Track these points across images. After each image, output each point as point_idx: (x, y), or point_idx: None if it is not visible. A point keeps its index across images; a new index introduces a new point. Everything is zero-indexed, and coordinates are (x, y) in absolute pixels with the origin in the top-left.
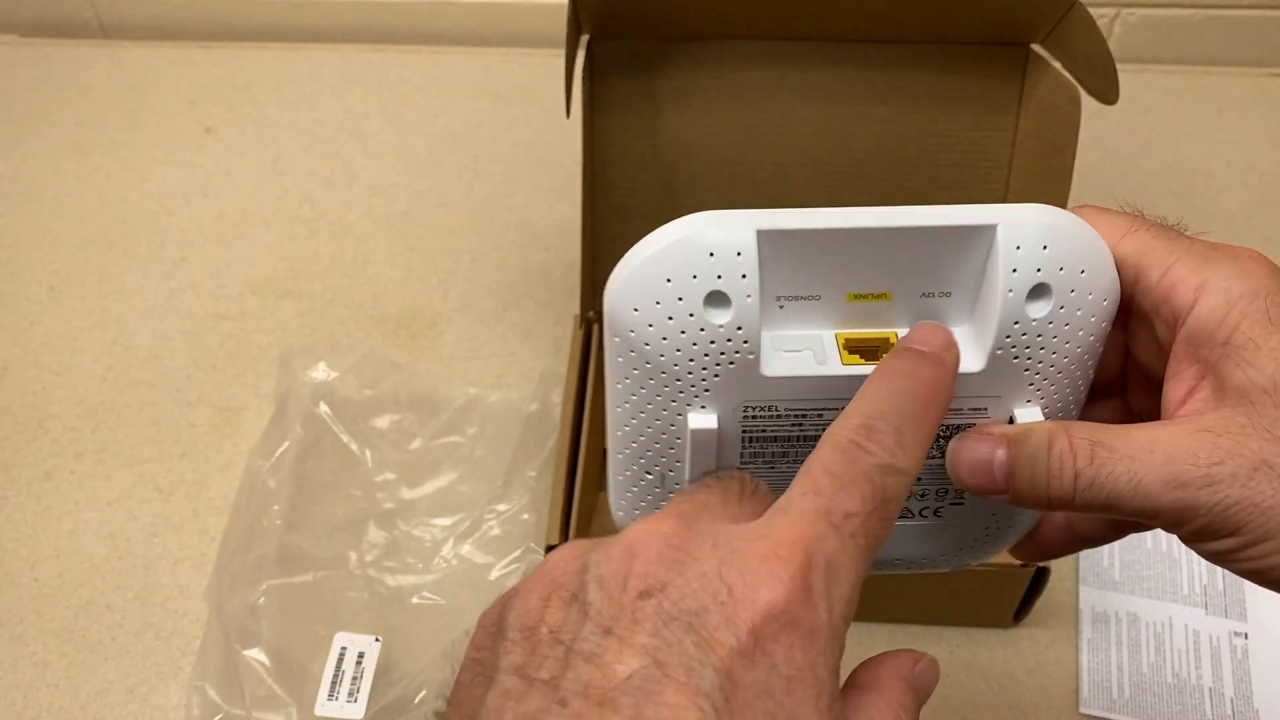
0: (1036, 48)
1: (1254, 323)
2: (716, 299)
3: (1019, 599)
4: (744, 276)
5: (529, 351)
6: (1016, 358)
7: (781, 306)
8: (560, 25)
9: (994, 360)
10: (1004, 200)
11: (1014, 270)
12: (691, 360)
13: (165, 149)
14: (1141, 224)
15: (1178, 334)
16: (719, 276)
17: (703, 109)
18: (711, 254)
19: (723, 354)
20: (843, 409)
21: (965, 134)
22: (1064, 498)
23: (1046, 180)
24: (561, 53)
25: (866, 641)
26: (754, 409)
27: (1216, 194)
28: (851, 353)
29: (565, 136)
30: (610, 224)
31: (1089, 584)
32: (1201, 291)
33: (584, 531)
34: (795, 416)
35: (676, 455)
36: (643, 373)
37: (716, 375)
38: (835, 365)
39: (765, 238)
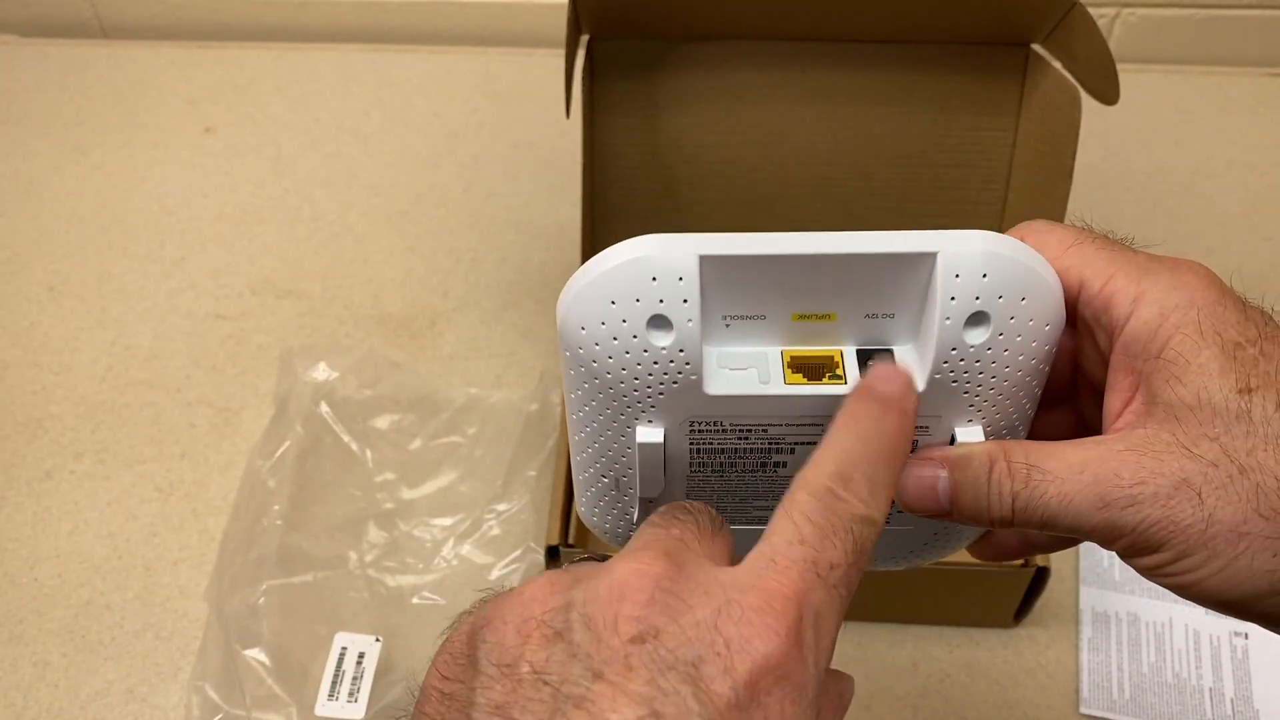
0: (1037, 48)
1: (1185, 337)
2: (659, 322)
3: (1019, 599)
4: (685, 301)
5: (529, 351)
6: (955, 381)
7: (728, 325)
8: (560, 25)
9: (933, 383)
10: (1004, 201)
11: (952, 298)
12: (636, 379)
13: (165, 149)
14: (1086, 236)
15: (1114, 345)
16: (661, 300)
17: (702, 109)
18: (654, 278)
19: (665, 374)
20: (784, 424)
21: (966, 134)
22: (1004, 518)
23: (1047, 181)
24: (561, 52)
25: (866, 642)
26: (699, 424)
27: (1216, 193)
28: (795, 371)
29: (565, 136)
30: (610, 224)
31: (1089, 584)
32: (1138, 303)
33: (584, 531)
34: (740, 431)
35: (629, 463)
36: (592, 386)
37: (661, 393)
38: (778, 385)
39: (708, 263)
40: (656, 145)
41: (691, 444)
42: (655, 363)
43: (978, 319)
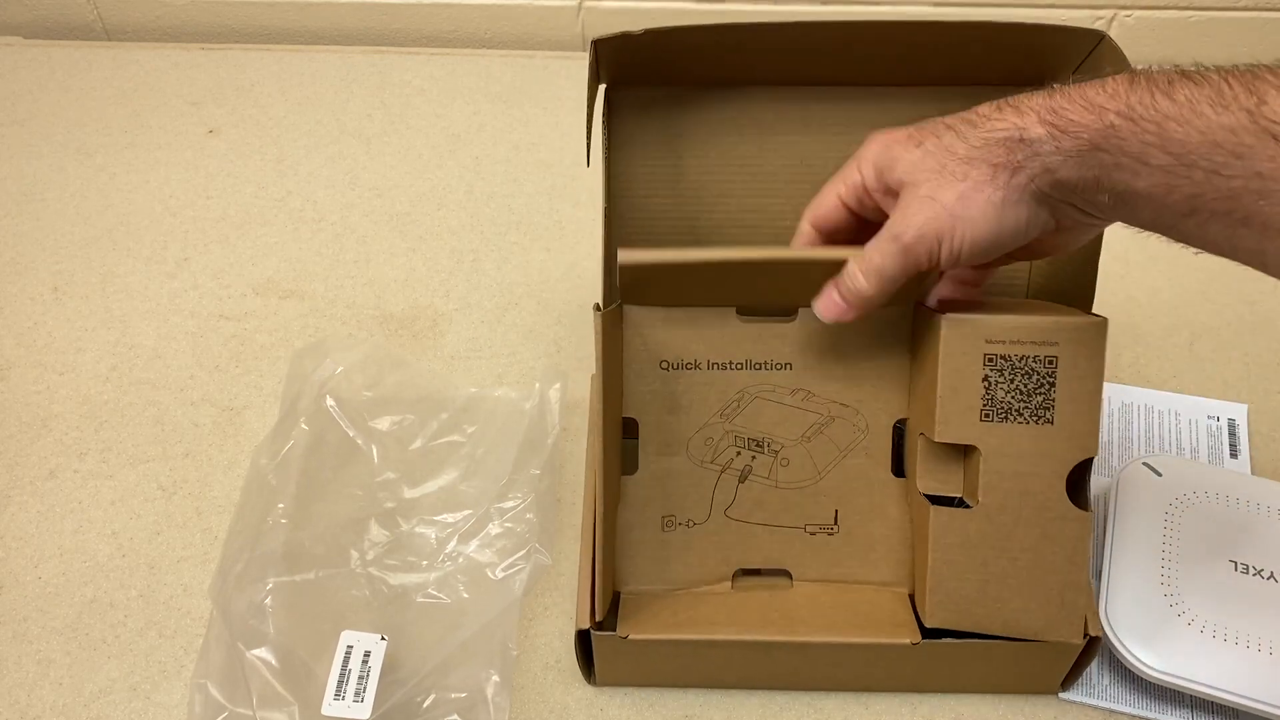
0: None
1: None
2: None
3: (1069, 668)
4: None
5: (530, 351)
6: None
7: None
8: (561, 29)
9: None
10: None
11: None
12: None
13: (168, 150)
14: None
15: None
16: None
17: (724, 155)
18: None
19: None
20: None
21: None
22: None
23: None
24: (561, 55)
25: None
26: None
27: None
28: None
29: (566, 138)
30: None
31: None
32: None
33: (612, 609)
34: None
35: None
36: None
37: None
38: None
39: None
40: (678, 193)
41: None
42: None
43: None
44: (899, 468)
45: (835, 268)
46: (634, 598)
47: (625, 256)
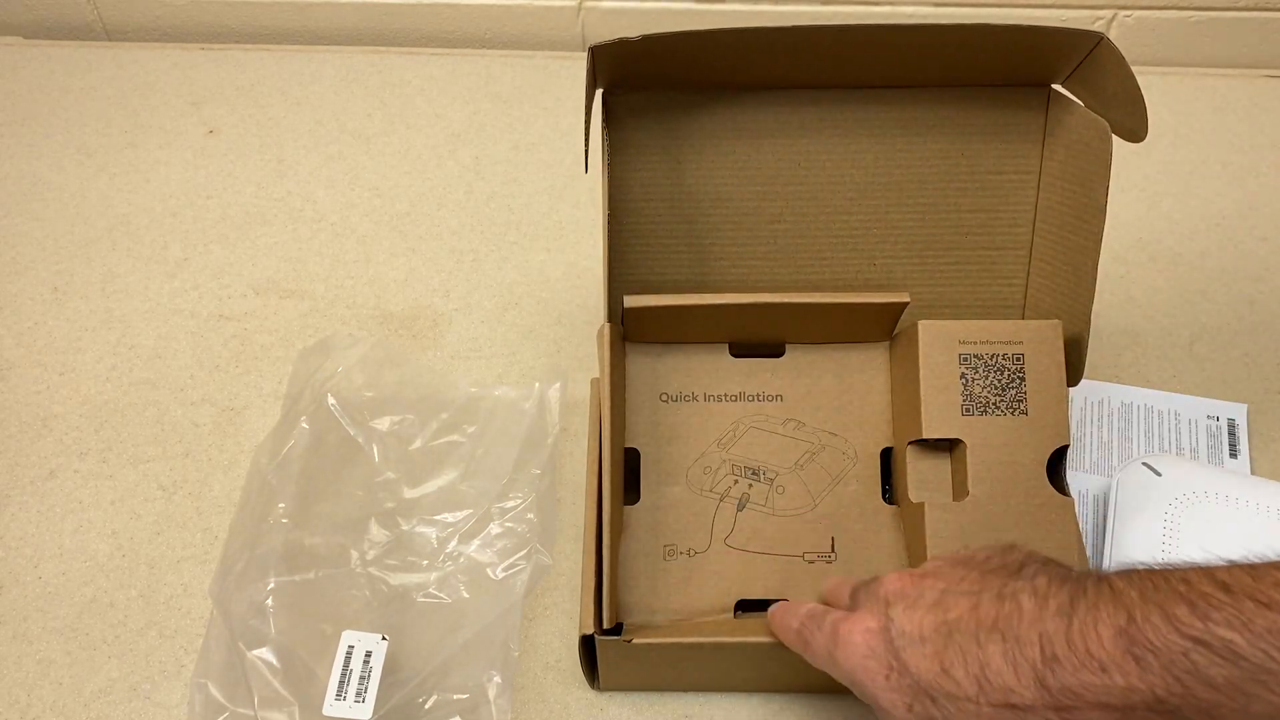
0: (1057, 88)
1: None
2: None
3: None
4: None
5: (530, 351)
6: None
7: None
8: (560, 28)
9: None
10: (1030, 245)
11: None
12: None
13: (168, 150)
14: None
15: None
16: None
17: (722, 161)
18: None
19: None
20: None
21: (989, 178)
22: None
23: (1077, 219)
24: (561, 56)
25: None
26: None
27: (1213, 195)
28: None
29: (566, 138)
30: (629, 285)
31: None
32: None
33: (615, 615)
34: None
35: None
36: None
37: None
38: None
39: None
40: (676, 197)
41: None
42: None
43: None
44: (889, 497)
45: (817, 310)
46: (635, 627)
47: (630, 302)
